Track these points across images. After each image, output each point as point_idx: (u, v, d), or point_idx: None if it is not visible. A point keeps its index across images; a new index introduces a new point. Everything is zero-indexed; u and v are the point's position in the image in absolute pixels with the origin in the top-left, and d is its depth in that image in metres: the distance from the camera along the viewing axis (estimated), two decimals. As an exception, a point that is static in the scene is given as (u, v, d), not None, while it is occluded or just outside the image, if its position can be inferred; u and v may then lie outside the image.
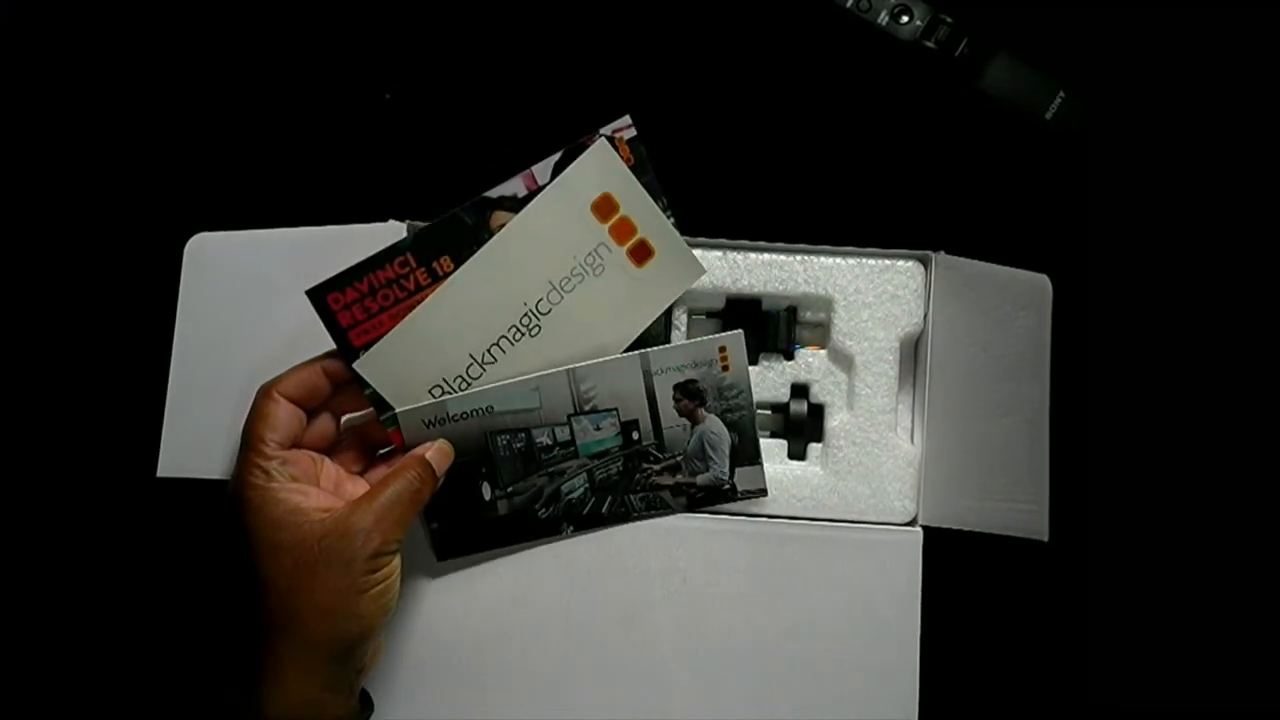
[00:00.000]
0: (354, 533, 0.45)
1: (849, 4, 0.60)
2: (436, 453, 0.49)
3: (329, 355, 0.50)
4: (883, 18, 0.60)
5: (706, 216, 0.56)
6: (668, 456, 0.53)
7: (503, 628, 0.53)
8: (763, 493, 0.54)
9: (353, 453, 0.52)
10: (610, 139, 0.48)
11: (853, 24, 0.60)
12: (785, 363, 0.56)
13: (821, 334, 0.57)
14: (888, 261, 0.56)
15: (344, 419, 0.51)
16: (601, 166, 0.49)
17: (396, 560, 0.47)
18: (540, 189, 0.49)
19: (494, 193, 0.48)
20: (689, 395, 0.52)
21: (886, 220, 0.60)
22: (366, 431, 0.52)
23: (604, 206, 0.50)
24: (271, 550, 0.45)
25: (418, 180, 0.62)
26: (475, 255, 0.48)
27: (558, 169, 0.49)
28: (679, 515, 0.54)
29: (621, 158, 0.49)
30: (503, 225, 0.49)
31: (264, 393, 0.48)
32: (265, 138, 0.62)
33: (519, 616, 0.53)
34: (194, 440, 0.55)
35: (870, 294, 0.56)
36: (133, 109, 0.63)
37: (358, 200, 0.58)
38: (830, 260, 0.56)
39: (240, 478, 0.46)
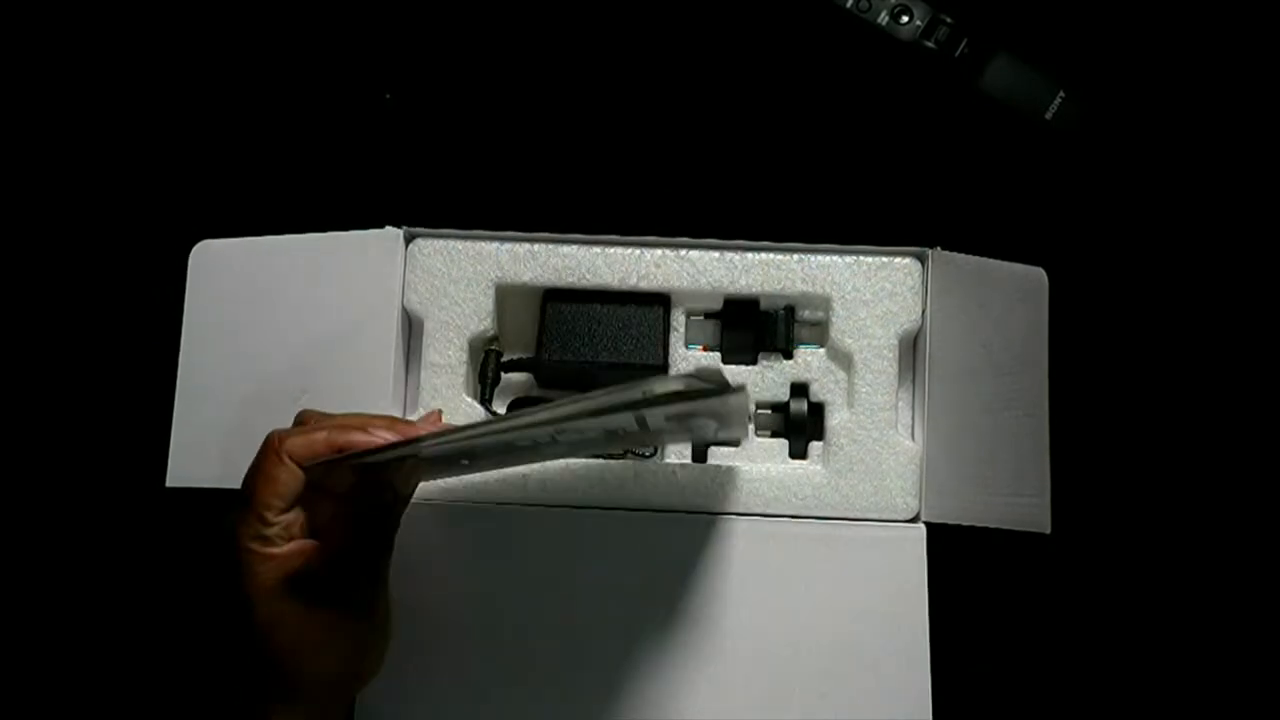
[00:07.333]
0: (350, 586, 0.45)
1: (849, 4, 0.61)
2: (427, 419, 0.49)
3: (341, 427, 0.45)
4: (883, 18, 0.60)
5: (705, 216, 0.56)
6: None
7: (504, 629, 0.53)
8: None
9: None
10: None
11: (853, 24, 0.61)
12: (784, 362, 0.56)
13: (820, 332, 0.57)
14: (885, 259, 0.56)
15: None
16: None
17: (391, 607, 0.47)
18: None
19: None
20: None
21: (887, 221, 0.60)
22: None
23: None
24: (275, 620, 0.44)
25: (419, 184, 0.62)
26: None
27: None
28: (676, 516, 0.54)
29: None
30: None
31: (272, 450, 0.44)
32: (264, 141, 0.63)
33: (521, 617, 0.53)
34: (203, 448, 0.55)
35: (868, 291, 0.56)
36: (132, 117, 0.63)
37: (360, 204, 0.59)
38: (827, 259, 0.56)
39: (240, 541, 0.44)
